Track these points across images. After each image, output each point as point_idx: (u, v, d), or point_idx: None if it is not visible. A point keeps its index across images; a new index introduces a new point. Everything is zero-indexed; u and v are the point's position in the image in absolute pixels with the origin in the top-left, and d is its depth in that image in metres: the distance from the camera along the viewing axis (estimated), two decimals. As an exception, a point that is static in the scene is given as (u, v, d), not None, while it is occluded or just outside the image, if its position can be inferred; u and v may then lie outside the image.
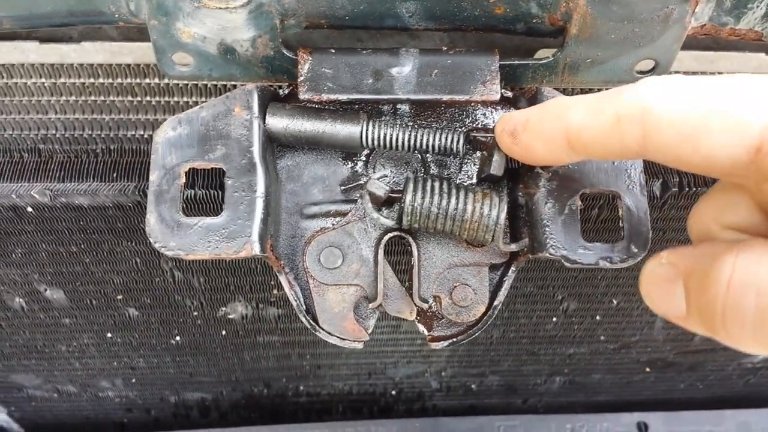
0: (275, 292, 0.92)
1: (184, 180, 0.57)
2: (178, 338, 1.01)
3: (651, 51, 0.60)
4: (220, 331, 1.00)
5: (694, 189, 0.77)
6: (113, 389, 1.15)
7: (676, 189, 0.77)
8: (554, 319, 1.04)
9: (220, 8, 0.53)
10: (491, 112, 0.62)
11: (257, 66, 0.59)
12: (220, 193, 0.71)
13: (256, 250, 0.56)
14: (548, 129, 0.49)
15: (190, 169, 0.57)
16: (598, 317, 1.05)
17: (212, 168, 0.57)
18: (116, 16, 0.55)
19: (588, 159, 0.48)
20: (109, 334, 0.99)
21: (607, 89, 0.48)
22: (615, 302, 1.01)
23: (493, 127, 0.58)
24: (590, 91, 0.62)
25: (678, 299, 0.46)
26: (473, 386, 1.26)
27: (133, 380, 1.12)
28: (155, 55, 0.57)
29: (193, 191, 0.71)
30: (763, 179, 0.42)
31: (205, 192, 0.70)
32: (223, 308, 0.95)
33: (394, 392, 1.26)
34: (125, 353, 1.04)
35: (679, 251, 0.47)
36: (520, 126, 0.52)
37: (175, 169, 0.57)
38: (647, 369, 1.22)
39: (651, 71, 0.62)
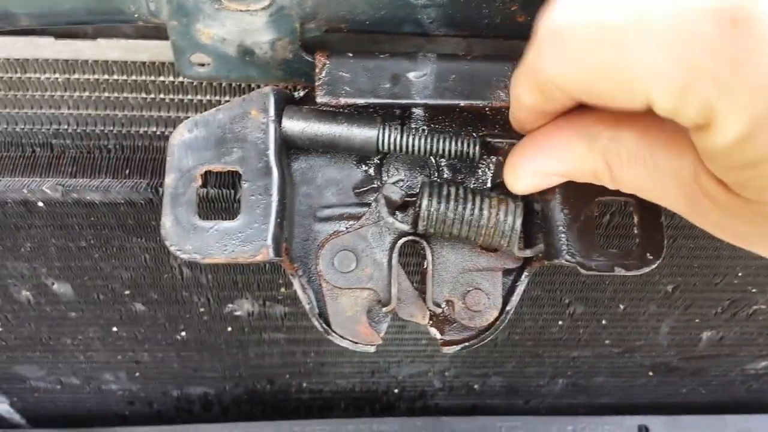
0: (282, 290, 0.91)
1: (200, 183, 0.56)
2: (183, 334, 1.01)
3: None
4: (225, 328, 1.00)
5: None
6: (116, 382, 1.15)
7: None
8: (560, 322, 1.04)
9: (241, 10, 0.53)
10: (506, 117, 0.62)
11: (275, 68, 0.59)
12: (232, 192, 0.71)
13: (272, 254, 0.55)
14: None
15: (205, 171, 0.57)
16: (604, 321, 1.04)
17: (228, 171, 0.57)
18: (136, 15, 0.55)
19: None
20: (114, 329, 0.98)
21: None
22: (622, 307, 1.01)
23: (509, 128, 0.58)
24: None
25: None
26: (476, 386, 1.26)
27: (137, 374, 1.12)
28: (174, 55, 0.57)
29: (205, 190, 0.70)
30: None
31: (217, 191, 0.70)
32: (230, 305, 0.95)
33: (396, 390, 1.26)
34: (130, 347, 1.04)
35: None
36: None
37: (191, 171, 0.57)
38: (650, 373, 1.22)
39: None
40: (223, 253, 0.55)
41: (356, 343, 0.61)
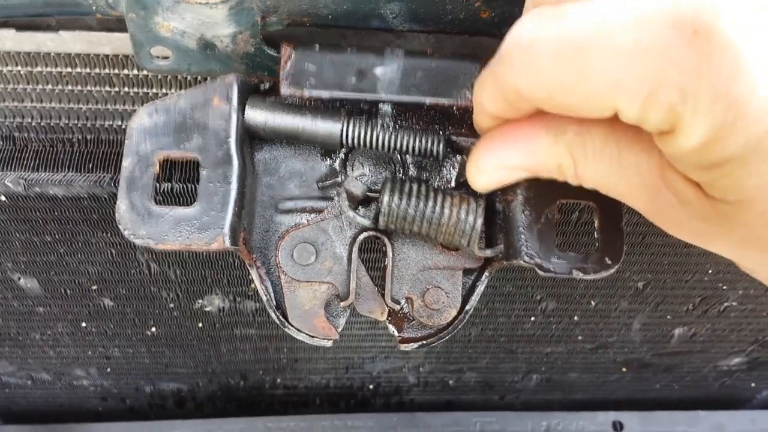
0: (253, 285, 0.91)
1: (157, 168, 0.56)
2: (153, 329, 1.00)
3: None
4: (196, 324, 1.00)
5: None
6: (88, 378, 1.14)
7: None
8: (532, 318, 1.04)
9: (200, 3, 0.52)
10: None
11: (237, 62, 0.58)
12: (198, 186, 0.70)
13: (228, 243, 0.55)
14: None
15: (164, 158, 0.56)
16: (576, 318, 1.05)
17: (187, 158, 0.56)
18: (93, 8, 0.54)
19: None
20: (83, 324, 0.98)
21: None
22: (593, 303, 1.01)
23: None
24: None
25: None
26: (451, 382, 1.26)
27: (108, 370, 1.11)
28: (133, 48, 0.56)
29: (170, 185, 0.70)
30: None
31: (182, 186, 0.69)
32: (200, 301, 0.94)
33: (371, 386, 1.26)
34: (100, 343, 1.03)
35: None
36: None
37: (149, 156, 0.56)
38: (624, 369, 1.23)
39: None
40: (178, 240, 0.54)
41: (313, 336, 0.61)
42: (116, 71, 0.68)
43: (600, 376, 1.25)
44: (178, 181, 0.69)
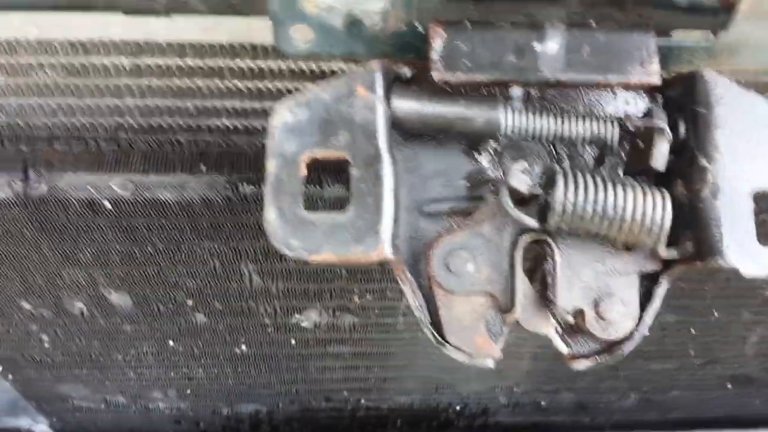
0: (356, 299, 0.85)
1: (305, 171, 0.49)
2: (243, 347, 0.95)
3: (820, 32, 0.53)
4: (289, 340, 0.94)
5: None
6: (164, 400, 1.10)
7: None
8: (647, 333, 0.97)
9: (355, -27, 0.47)
10: (633, 98, 0.55)
11: (384, 42, 0.52)
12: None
13: (389, 252, 0.48)
14: None
15: (310, 158, 0.50)
16: (693, 331, 0.98)
17: (335, 158, 0.50)
18: (233, -20, 0.49)
19: None
20: (171, 342, 0.93)
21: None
22: (716, 314, 0.94)
23: (649, 111, 0.52)
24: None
25: None
26: (543, 403, 1.19)
27: (188, 391, 1.07)
28: (273, 28, 0.51)
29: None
30: None
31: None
32: (297, 315, 0.89)
33: (458, 407, 1.20)
34: (185, 363, 0.99)
35: None
36: None
37: (295, 157, 0.49)
38: (729, 385, 1.16)
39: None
40: (335, 250, 0.48)
41: (473, 356, 0.54)
42: (228, 62, 0.62)
43: (701, 393, 1.19)
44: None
